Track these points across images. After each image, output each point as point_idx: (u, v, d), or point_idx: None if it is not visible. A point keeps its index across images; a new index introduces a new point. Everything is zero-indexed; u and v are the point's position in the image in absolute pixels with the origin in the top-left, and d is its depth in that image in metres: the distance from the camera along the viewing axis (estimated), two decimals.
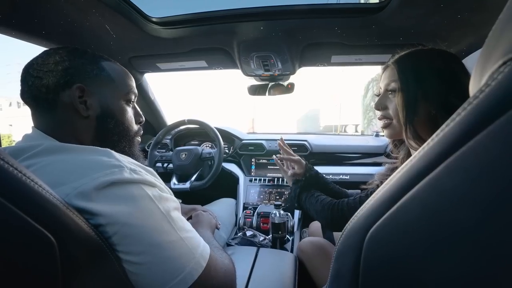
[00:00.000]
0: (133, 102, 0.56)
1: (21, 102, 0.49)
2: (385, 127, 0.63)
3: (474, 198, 0.16)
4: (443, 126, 0.19)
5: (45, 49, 0.50)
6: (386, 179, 0.26)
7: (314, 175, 0.88)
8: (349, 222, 0.28)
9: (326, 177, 0.91)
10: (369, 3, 0.77)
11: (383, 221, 0.23)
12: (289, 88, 1.25)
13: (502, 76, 0.15)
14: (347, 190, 0.92)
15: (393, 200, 0.22)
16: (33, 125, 0.48)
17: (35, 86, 0.45)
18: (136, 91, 0.56)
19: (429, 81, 0.53)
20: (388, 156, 1.40)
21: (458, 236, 0.17)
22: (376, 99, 0.64)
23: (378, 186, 0.55)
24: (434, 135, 0.19)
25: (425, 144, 0.20)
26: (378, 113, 0.64)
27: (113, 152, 0.43)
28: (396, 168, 0.59)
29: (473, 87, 0.19)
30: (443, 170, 0.18)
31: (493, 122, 0.15)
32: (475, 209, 0.16)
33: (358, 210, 0.28)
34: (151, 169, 0.46)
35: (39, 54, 0.48)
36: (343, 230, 0.29)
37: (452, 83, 0.52)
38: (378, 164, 1.41)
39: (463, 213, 0.16)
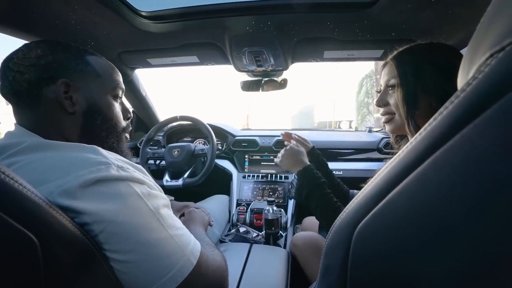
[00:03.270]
0: (120, 97, 0.55)
1: None
2: (387, 121, 0.63)
3: (460, 193, 0.15)
4: (431, 120, 0.18)
5: None
6: None
7: (321, 161, 0.93)
8: (338, 217, 0.28)
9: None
10: None
11: (371, 217, 0.23)
12: (282, 84, 1.24)
13: (488, 69, 0.14)
14: (348, 189, 0.93)
15: (381, 195, 0.22)
16: (15, 122, 0.46)
17: (16, 81, 0.44)
18: (123, 86, 0.55)
19: (428, 75, 0.54)
20: (380, 151, 1.42)
21: (445, 231, 0.17)
22: (377, 95, 0.65)
23: None
24: (422, 129, 0.19)
25: (413, 139, 0.20)
26: (380, 109, 0.65)
27: (100, 149, 0.42)
28: None
29: (461, 81, 0.19)
30: (430, 164, 0.17)
31: (479, 116, 0.14)
32: (461, 204, 0.15)
33: (347, 206, 0.27)
34: (139, 166, 0.45)
35: (19, 48, 0.46)
36: (332, 226, 0.29)
37: (451, 75, 0.52)
38: (371, 160, 1.43)
39: (449, 208, 0.16)
